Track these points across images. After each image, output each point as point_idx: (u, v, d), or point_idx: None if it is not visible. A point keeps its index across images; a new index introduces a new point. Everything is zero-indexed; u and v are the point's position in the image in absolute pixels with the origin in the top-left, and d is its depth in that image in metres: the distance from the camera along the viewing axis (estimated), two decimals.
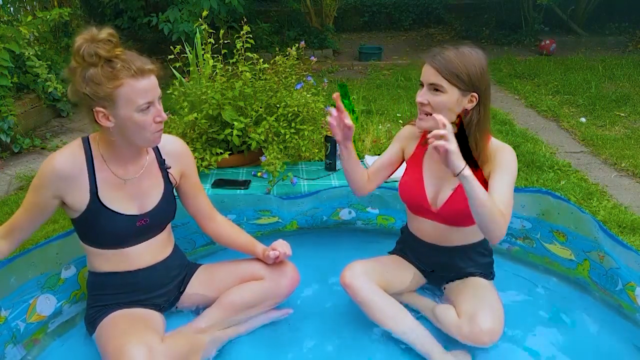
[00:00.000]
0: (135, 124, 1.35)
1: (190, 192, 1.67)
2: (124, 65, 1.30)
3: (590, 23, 6.98)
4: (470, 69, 1.44)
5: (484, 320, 1.52)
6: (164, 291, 1.63)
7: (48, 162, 1.40)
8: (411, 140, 1.73)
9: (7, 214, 2.68)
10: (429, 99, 1.48)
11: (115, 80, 1.30)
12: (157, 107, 1.38)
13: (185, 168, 1.63)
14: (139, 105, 1.33)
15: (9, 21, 3.78)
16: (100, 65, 1.30)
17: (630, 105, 4.34)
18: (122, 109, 1.33)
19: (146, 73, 1.33)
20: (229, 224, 1.77)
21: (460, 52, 1.46)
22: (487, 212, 1.38)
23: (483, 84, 1.47)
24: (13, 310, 1.55)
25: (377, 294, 1.62)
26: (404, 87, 5.03)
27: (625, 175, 3.10)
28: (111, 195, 1.46)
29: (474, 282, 1.69)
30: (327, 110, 1.56)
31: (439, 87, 1.46)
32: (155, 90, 1.37)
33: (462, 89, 1.46)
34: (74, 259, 1.72)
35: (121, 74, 1.30)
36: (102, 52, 1.29)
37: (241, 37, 2.39)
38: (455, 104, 1.47)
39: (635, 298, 1.64)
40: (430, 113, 1.48)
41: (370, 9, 8.15)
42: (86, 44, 1.29)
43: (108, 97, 1.31)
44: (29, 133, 3.81)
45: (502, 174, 1.50)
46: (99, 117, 1.34)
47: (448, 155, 1.31)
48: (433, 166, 1.65)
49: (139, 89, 1.32)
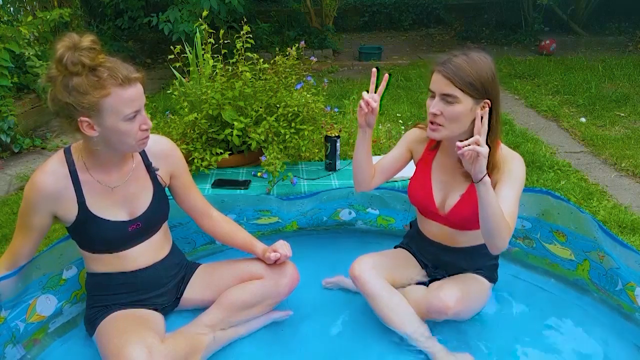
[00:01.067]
0: (120, 133, 1.33)
1: (182, 191, 1.66)
2: (111, 74, 1.26)
3: (590, 23, 6.98)
4: (482, 76, 1.41)
5: (449, 288, 1.55)
6: (163, 291, 1.63)
7: (31, 184, 1.39)
8: (419, 143, 1.72)
9: (7, 214, 2.68)
10: (442, 109, 1.44)
11: (101, 90, 1.26)
12: (143, 115, 1.36)
13: (174, 168, 1.61)
14: (126, 114, 1.30)
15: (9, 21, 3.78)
16: (85, 74, 1.25)
17: (630, 105, 4.34)
18: (108, 119, 1.30)
19: (133, 81, 1.30)
20: (226, 221, 1.76)
21: (470, 59, 1.42)
22: (496, 220, 1.39)
23: (495, 90, 1.44)
24: (13, 310, 1.54)
25: (385, 289, 1.63)
26: (404, 87, 5.03)
27: (625, 175, 3.10)
28: (99, 203, 1.46)
29: (469, 275, 1.71)
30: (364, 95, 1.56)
31: (452, 97, 1.41)
32: (141, 99, 1.34)
33: (476, 97, 1.42)
34: (75, 259, 1.72)
35: (107, 82, 1.26)
36: (86, 61, 1.24)
37: (241, 37, 2.39)
38: (469, 112, 1.43)
39: (635, 298, 1.64)
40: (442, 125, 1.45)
41: (370, 9, 8.15)
42: (68, 52, 1.23)
43: (93, 106, 1.27)
44: (29, 133, 3.81)
45: (510, 186, 1.48)
46: (83, 127, 1.30)
47: (478, 159, 1.32)
48: (441, 171, 1.66)
49: (126, 98, 1.29)
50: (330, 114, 2.53)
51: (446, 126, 1.46)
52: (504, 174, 1.50)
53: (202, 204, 1.72)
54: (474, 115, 1.43)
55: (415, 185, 1.71)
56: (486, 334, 1.67)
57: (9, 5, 4.37)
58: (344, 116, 3.52)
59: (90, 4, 6.14)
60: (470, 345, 1.62)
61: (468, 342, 1.62)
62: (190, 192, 1.68)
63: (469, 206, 1.58)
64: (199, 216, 1.72)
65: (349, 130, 3.10)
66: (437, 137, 1.51)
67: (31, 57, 3.62)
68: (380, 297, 1.61)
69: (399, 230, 2.21)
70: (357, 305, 1.77)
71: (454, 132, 1.47)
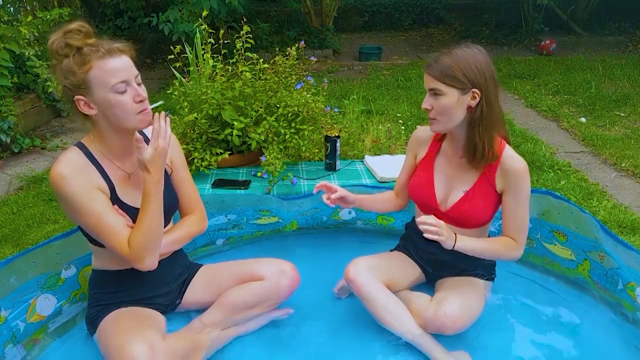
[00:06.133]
0: (114, 106, 1.34)
1: (179, 181, 1.65)
2: (91, 49, 1.31)
3: (590, 23, 6.98)
4: (464, 66, 1.45)
5: (450, 305, 1.55)
6: (167, 290, 1.63)
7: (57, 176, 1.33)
8: (422, 143, 1.75)
9: (6, 214, 2.68)
10: (432, 103, 1.51)
11: (85, 65, 1.31)
12: (135, 87, 1.36)
13: (175, 157, 1.64)
14: (112, 84, 1.32)
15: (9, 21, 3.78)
16: (72, 55, 1.32)
17: (630, 105, 4.34)
18: (97, 92, 1.33)
19: (115, 52, 1.33)
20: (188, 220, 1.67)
21: (452, 53, 1.48)
22: (491, 255, 1.61)
23: (482, 78, 1.46)
24: (13, 310, 1.54)
25: (380, 291, 1.62)
26: (404, 87, 5.03)
27: (625, 175, 3.10)
28: (122, 189, 1.47)
29: (465, 279, 1.71)
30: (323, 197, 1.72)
31: (437, 91, 1.48)
32: (128, 70, 1.35)
33: (460, 88, 1.46)
34: (74, 259, 1.72)
35: (89, 57, 1.31)
36: (72, 42, 1.31)
37: (241, 37, 2.38)
38: (456, 103, 1.48)
39: (636, 298, 1.64)
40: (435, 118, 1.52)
41: (370, 9, 8.15)
42: (58, 39, 1.31)
43: (82, 83, 1.32)
44: (29, 133, 3.81)
45: (518, 198, 1.56)
46: (81, 106, 1.35)
47: (439, 240, 1.47)
48: (445, 167, 1.67)
49: (109, 69, 1.32)
50: (330, 114, 2.53)
51: (439, 119, 1.52)
52: (511, 186, 1.55)
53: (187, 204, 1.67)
54: (464, 105, 1.49)
55: (417, 181, 1.72)
56: (484, 333, 1.67)
57: (9, 5, 4.36)
58: (344, 116, 3.52)
59: (90, 4, 6.14)
60: (468, 344, 1.62)
61: (466, 341, 1.62)
62: (182, 187, 1.66)
63: (471, 204, 1.58)
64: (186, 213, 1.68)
65: (348, 130, 3.11)
66: (437, 130, 1.58)
67: (31, 57, 3.62)
68: (376, 300, 1.61)
69: (399, 230, 2.21)
70: (357, 305, 1.76)
71: (447, 124, 1.53)
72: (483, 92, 1.47)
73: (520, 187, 1.54)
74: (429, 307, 1.57)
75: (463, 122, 1.52)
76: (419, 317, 1.58)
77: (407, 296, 1.70)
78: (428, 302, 1.62)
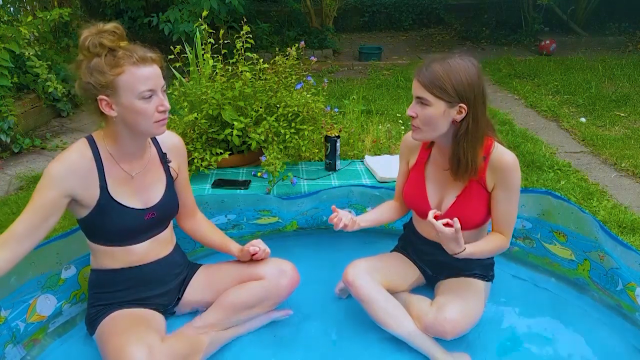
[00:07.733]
0: (137, 112, 1.36)
1: (181, 187, 1.68)
2: (126, 54, 1.34)
3: (590, 23, 6.98)
4: (455, 81, 1.42)
5: (451, 310, 1.55)
6: (165, 289, 1.63)
7: (57, 161, 1.38)
8: (412, 149, 1.74)
9: (7, 214, 2.68)
10: (417, 111, 1.49)
11: (117, 68, 1.32)
12: (160, 96, 1.39)
13: (181, 163, 1.67)
14: (140, 92, 1.34)
15: (9, 21, 3.77)
16: (104, 55, 1.33)
17: (630, 105, 4.34)
18: (124, 97, 1.35)
19: (148, 61, 1.36)
20: (207, 222, 1.81)
21: (446, 64, 1.44)
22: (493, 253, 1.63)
23: (471, 94, 1.44)
24: (13, 310, 1.54)
25: (379, 293, 1.62)
26: (404, 87, 5.03)
27: (625, 175, 3.10)
28: (119, 190, 1.47)
29: (465, 281, 1.71)
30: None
31: (424, 100, 1.46)
32: (157, 80, 1.38)
33: (448, 101, 1.44)
34: (74, 259, 1.72)
35: (122, 61, 1.33)
36: (106, 42, 1.32)
37: (241, 37, 2.38)
38: (441, 116, 1.46)
39: (636, 298, 1.64)
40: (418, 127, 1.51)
41: (370, 9, 8.14)
42: (91, 36, 1.33)
43: (110, 84, 1.33)
44: (29, 133, 3.81)
45: (509, 194, 1.55)
46: (102, 106, 1.36)
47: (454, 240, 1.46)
48: (435, 174, 1.66)
49: (140, 76, 1.34)
50: (330, 114, 2.53)
51: (422, 128, 1.51)
52: (501, 181, 1.54)
53: (191, 204, 1.76)
54: (449, 118, 1.47)
55: (410, 189, 1.72)
56: (484, 334, 1.67)
57: (9, 5, 4.36)
58: (344, 116, 3.52)
59: (90, 4, 6.14)
60: (468, 344, 1.62)
61: (466, 341, 1.62)
62: (185, 190, 1.71)
63: (466, 206, 1.58)
64: (184, 215, 1.75)
65: (348, 130, 3.11)
66: (418, 138, 1.56)
67: (31, 57, 3.61)
68: (375, 302, 1.61)
69: (398, 230, 2.20)
70: (357, 306, 1.76)
71: (430, 134, 1.52)
72: (470, 108, 1.45)
73: (510, 181, 1.53)
74: (429, 311, 1.57)
75: (447, 134, 1.50)
76: (419, 321, 1.58)
77: (407, 299, 1.70)
78: (428, 306, 1.62)
